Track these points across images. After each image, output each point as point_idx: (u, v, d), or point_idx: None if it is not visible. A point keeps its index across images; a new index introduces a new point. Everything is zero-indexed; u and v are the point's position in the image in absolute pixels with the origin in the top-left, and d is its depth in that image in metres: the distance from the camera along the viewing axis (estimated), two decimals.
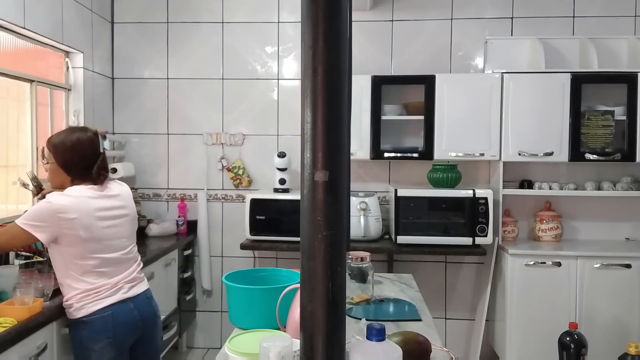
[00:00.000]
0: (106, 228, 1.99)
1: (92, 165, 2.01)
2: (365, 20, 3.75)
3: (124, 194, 2.14)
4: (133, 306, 2.05)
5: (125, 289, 2.04)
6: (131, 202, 2.17)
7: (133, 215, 2.16)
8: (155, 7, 3.87)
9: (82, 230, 1.91)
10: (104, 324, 1.95)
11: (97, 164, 2.02)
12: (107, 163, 2.10)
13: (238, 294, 1.79)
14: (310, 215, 0.85)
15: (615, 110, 3.37)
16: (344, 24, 0.85)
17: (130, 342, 2.06)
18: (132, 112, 3.92)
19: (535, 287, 3.25)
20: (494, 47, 3.61)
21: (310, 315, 0.86)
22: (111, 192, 2.07)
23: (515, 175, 3.62)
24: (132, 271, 2.10)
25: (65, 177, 2.02)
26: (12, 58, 2.92)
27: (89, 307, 1.95)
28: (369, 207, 3.35)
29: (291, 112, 3.81)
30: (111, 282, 2.00)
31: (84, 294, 1.95)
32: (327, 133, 0.84)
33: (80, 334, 1.96)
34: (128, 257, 2.09)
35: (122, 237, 2.07)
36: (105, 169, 2.07)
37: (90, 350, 1.96)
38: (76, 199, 1.93)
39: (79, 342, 1.97)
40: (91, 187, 2.00)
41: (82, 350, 1.97)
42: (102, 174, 2.04)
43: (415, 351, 1.39)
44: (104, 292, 1.98)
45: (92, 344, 1.95)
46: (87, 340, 1.96)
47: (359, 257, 2.12)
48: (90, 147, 2.04)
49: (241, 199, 3.81)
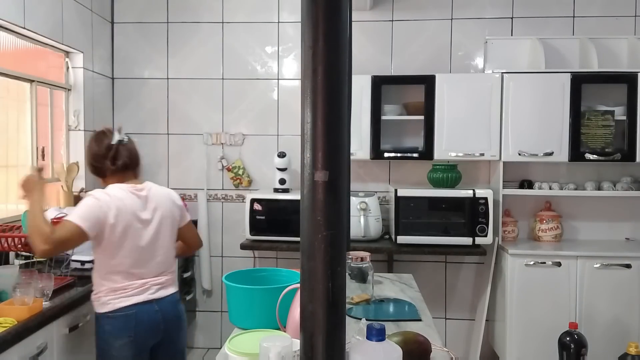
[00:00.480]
0: (139, 229, 2.02)
1: (104, 159, 2.07)
2: (365, 20, 3.75)
3: (160, 197, 2.14)
4: (158, 308, 2.06)
5: (153, 290, 2.06)
6: (168, 205, 2.16)
7: (170, 219, 2.15)
8: (155, 7, 3.87)
9: (120, 226, 1.96)
10: (127, 321, 1.99)
11: (110, 155, 2.07)
12: (122, 153, 2.10)
13: (238, 294, 1.79)
14: (310, 215, 0.85)
15: (615, 110, 3.37)
16: (344, 24, 0.85)
17: (151, 343, 2.08)
18: (132, 112, 3.92)
19: (535, 287, 3.25)
20: (494, 47, 3.61)
21: (310, 315, 0.86)
22: (146, 193, 2.11)
23: (515, 175, 3.62)
24: (162, 273, 2.11)
25: (101, 181, 2.13)
26: (12, 58, 2.92)
27: (115, 304, 1.99)
28: (369, 207, 3.35)
29: (291, 112, 3.81)
30: (139, 282, 2.03)
31: (111, 290, 2.00)
32: (327, 133, 0.84)
33: (104, 328, 2.01)
34: (159, 260, 2.09)
35: (156, 239, 2.08)
36: (119, 158, 2.09)
37: (111, 346, 2.00)
38: (114, 196, 1.99)
39: (102, 336, 2.02)
40: (127, 187, 2.06)
41: (104, 344, 2.02)
42: (119, 164, 2.08)
43: (415, 351, 1.39)
44: (130, 291, 2.01)
45: (113, 339, 1.99)
46: (109, 335, 2.00)
47: (359, 257, 2.12)
48: (97, 145, 2.10)
49: (241, 199, 3.81)
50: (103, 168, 2.09)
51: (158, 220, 2.09)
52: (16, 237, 2.29)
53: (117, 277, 1.99)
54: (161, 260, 2.10)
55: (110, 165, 2.07)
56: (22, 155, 3.04)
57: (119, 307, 1.98)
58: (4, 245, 2.26)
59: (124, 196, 2.01)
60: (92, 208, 1.92)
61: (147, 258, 2.05)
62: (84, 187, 3.47)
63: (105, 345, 2.01)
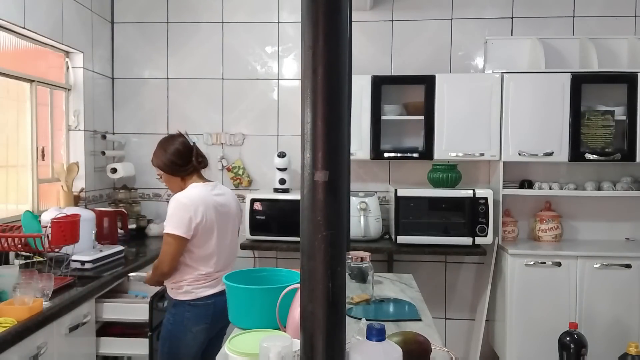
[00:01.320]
0: (220, 222, 2.24)
1: (190, 158, 2.29)
2: (365, 20, 3.75)
3: (229, 195, 2.38)
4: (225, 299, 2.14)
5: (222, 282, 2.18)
6: (235, 203, 2.40)
7: (234, 217, 2.38)
8: (155, 7, 3.87)
9: (206, 219, 2.17)
10: (206, 310, 2.21)
11: (194, 154, 2.30)
12: (200, 152, 2.35)
13: (238, 294, 1.79)
14: (310, 215, 0.85)
15: (615, 110, 3.37)
16: (344, 24, 0.85)
17: (215, 331, 2.30)
18: (132, 112, 3.92)
19: (535, 287, 3.25)
20: (494, 47, 3.61)
21: (310, 315, 0.86)
22: (220, 191, 2.33)
23: (515, 175, 3.62)
24: (228, 266, 2.32)
25: (178, 180, 2.32)
26: (12, 58, 2.92)
27: (197, 293, 2.21)
28: (369, 207, 3.35)
29: (291, 112, 3.81)
30: (217, 273, 2.24)
31: (195, 279, 2.20)
32: (327, 133, 0.84)
33: (183, 315, 2.21)
34: (227, 253, 2.32)
35: (228, 232, 2.32)
36: (202, 156, 2.35)
37: (188, 331, 2.20)
38: (197, 193, 2.21)
39: (180, 322, 2.21)
40: (206, 184, 2.29)
41: (180, 329, 2.21)
42: (201, 162, 2.33)
43: (415, 351, 1.39)
44: (210, 282, 2.23)
45: (192, 325, 2.20)
46: (188, 321, 2.20)
47: (359, 257, 2.12)
48: (180, 145, 2.32)
49: (241, 199, 3.81)
50: (186, 167, 2.29)
51: (229, 217, 2.32)
52: (16, 237, 2.29)
53: (202, 267, 2.20)
54: (229, 254, 2.34)
55: (195, 163, 2.29)
56: (22, 155, 3.04)
57: (201, 296, 2.20)
58: (4, 245, 2.26)
59: (205, 194, 2.23)
60: (180, 212, 2.14)
61: (222, 251, 2.26)
62: (84, 187, 3.47)
63: (182, 331, 2.20)
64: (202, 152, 2.37)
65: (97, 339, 2.52)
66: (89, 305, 2.38)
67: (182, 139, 2.35)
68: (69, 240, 2.33)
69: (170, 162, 2.29)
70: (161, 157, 2.32)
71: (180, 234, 2.12)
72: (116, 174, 3.63)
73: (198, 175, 2.34)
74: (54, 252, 2.33)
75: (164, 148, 2.33)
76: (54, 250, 2.32)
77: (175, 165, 2.29)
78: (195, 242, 2.18)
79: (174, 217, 2.15)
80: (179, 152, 2.29)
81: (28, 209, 2.58)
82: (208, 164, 2.40)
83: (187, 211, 2.14)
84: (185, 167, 2.29)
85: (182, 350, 2.22)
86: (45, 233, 2.25)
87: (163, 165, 2.32)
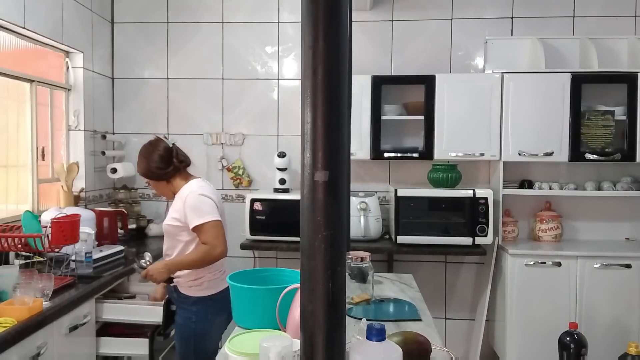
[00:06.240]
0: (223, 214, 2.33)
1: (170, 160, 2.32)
2: (365, 20, 3.74)
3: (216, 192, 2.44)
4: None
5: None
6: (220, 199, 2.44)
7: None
8: (155, 7, 3.87)
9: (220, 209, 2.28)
10: (226, 302, 2.16)
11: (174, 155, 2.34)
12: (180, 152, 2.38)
13: (242, 294, 1.79)
14: (310, 215, 0.85)
15: (615, 110, 3.37)
16: (344, 24, 0.85)
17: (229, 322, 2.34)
18: (132, 112, 3.92)
19: (535, 287, 3.25)
20: (494, 47, 3.61)
21: (310, 315, 0.86)
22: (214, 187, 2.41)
23: (515, 175, 3.62)
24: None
25: (164, 183, 2.36)
26: (12, 58, 2.92)
27: (216, 287, 2.31)
28: (369, 207, 3.35)
29: (291, 112, 3.81)
30: (224, 266, 2.37)
31: (213, 274, 2.30)
32: (327, 133, 0.84)
33: (207, 309, 2.28)
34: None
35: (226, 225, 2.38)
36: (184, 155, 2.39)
37: (213, 323, 2.29)
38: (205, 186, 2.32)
39: (204, 318, 2.27)
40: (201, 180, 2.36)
41: (205, 325, 2.27)
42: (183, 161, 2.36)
43: (415, 351, 1.39)
44: (223, 274, 2.34)
45: (216, 317, 2.29)
46: (212, 314, 2.29)
47: (359, 257, 2.12)
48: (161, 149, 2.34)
49: (241, 199, 3.81)
50: (169, 169, 2.32)
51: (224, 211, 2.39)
52: (16, 237, 2.29)
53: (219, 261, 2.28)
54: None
55: (177, 163, 2.33)
56: (22, 155, 3.04)
57: (221, 289, 2.31)
58: (4, 245, 2.26)
59: (208, 187, 2.34)
60: (205, 200, 2.23)
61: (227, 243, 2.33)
62: (84, 187, 3.47)
63: (206, 325, 2.27)
64: (183, 152, 2.40)
65: (97, 339, 2.52)
66: (89, 305, 2.37)
67: (162, 143, 2.37)
68: (69, 240, 2.33)
69: (155, 169, 2.33)
70: (145, 165, 2.35)
71: (217, 218, 2.22)
72: (116, 174, 3.63)
73: (186, 175, 2.38)
74: (54, 252, 2.33)
75: (145, 156, 2.35)
76: (54, 250, 2.32)
77: (160, 171, 2.33)
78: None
79: (203, 206, 2.21)
80: (161, 157, 2.33)
81: (28, 209, 2.58)
82: (191, 162, 2.42)
83: (208, 199, 2.24)
84: (166, 169, 2.33)
85: (208, 345, 2.29)
86: (45, 233, 2.25)
87: (149, 173, 2.35)
